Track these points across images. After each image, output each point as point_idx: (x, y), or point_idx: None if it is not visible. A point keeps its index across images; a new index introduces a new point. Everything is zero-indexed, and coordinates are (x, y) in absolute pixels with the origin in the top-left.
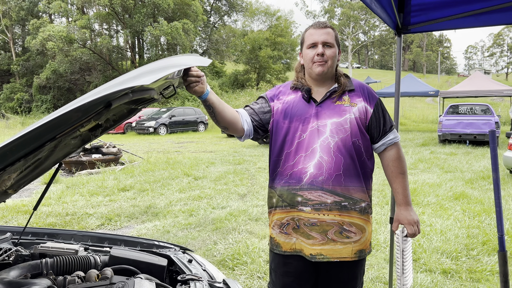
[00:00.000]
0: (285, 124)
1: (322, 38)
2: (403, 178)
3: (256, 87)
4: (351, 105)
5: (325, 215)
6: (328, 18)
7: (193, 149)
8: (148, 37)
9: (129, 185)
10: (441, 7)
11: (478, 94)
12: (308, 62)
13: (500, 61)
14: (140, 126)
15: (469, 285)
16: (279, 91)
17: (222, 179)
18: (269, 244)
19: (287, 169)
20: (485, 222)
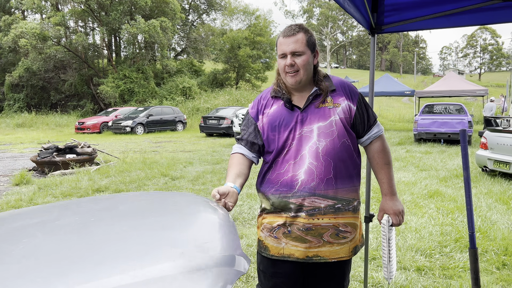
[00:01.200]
0: (274, 136)
1: (290, 48)
2: (389, 169)
3: (236, 86)
4: (334, 106)
5: (319, 219)
6: (307, 18)
7: (171, 149)
8: (125, 35)
9: (104, 186)
10: (413, 7)
11: (452, 94)
12: (282, 72)
13: (473, 62)
14: (117, 125)
15: (442, 282)
16: (261, 105)
17: (200, 179)
18: (257, 246)
19: (277, 177)
20: (458, 219)
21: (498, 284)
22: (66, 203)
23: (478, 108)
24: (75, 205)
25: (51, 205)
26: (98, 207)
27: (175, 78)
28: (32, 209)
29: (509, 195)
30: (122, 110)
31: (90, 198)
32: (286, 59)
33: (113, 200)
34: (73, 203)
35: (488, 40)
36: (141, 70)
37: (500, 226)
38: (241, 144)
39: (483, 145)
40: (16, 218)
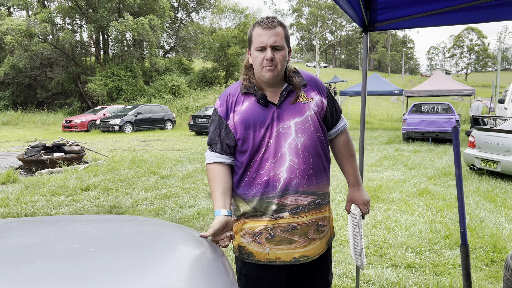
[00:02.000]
0: (249, 135)
1: (270, 41)
2: (354, 160)
3: (225, 84)
4: (308, 100)
5: (303, 217)
6: (296, 17)
7: (160, 147)
8: (113, 32)
9: (92, 185)
10: (406, 5)
11: (440, 93)
12: (258, 66)
13: (460, 62)
14: (105, 124)
15: (433, 279)
16: (231, 102)
17: (190, 178)
18: (237, 252)
19: (256, 178)
20: (447, 217)
21: (487, 280)
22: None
23: (465, 107)
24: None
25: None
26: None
27: (164, 77)
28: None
29: (496, 193)
30: (110, 108)
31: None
32: (266, 52)
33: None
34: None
35: (475, 40)
36: (130, 68)
37: (488, 223)
38: (216, 150)
39: (471, 144)
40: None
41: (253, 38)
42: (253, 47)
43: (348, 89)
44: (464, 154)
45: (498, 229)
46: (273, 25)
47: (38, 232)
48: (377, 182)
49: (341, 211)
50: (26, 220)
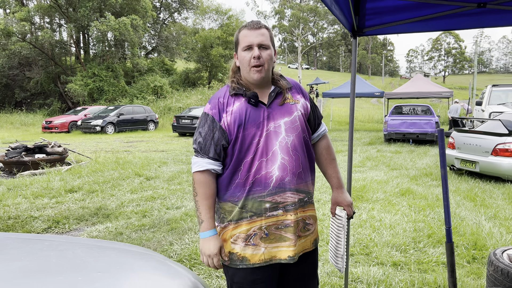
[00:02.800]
0: (239, 134)
1: (257, 40)
2: (335, 163)
3: (208, 85)
4: (295, 102)
5: (296, 214)
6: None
7: (144, 149)
8: (94, 32)
9: (77, 186)
10: (393, 11)
11: (420, 95)
12: (246, 66)
13: (438, 65)
14: (86, 124)
15: (418, 276)
16: (222, 104)
17: (176, 179)
18: (228, 260)
19: (249, 178)
20: (430, 216)
21: (470, 277)
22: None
23: (443, 109)
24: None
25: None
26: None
27: (146, 77)
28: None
29: (475, 192)
30: (91, 109)
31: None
32: (253, 51)
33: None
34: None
35: (452, 44)
36: (111, 68)
37: (469, 222)
38: (208, 156)
39: (450, 145)
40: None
41: (240, 40)
42: (240, 48)
43: (330, 91)
44: None
45: (478, 227)
46: (259, 26)
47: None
48: (361, 182)
49: (327, 211)
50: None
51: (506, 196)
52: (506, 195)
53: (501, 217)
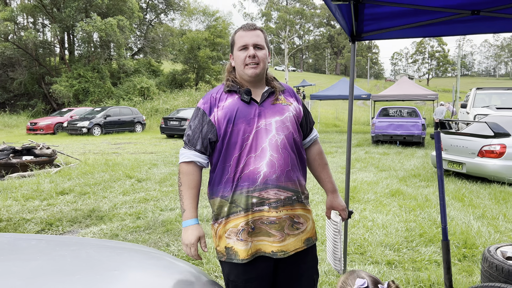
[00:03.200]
0: (229, 128)
1: (252, 40)
2: (328, 168)
3: (195, 87)
4: (287, 104)
5: (281, 212)
6: (265, 21)
7: (132, 150)
8: (80, 33)
9: (68, 188)
10: (391, 17)
11: (405, 98)
12: (240, 65)
13: (422, 68)
14: (72, 126)
15: (412, 274)
16: (214, 99)
17: (167, 181)
18: (224, 255)
19: (237, 173)
20: (420, 216)
21: (461, 274)
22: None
23: (428, 111)
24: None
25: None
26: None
27: (133, 78)
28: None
29: (463, 193)
30: (77, 110)
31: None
32: (248, 50)
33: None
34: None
35: (435, 47)
36: (97, 69)
37: (458, 221)
38: (195, 148)
39: None
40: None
41: (235, 40)
42: (236, 48)
43: (318, 93)
44: (431, 156)
45: (467, 226)
46: (254, 27)
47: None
48: (351, 183)
49: (320, 212)
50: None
51: (492, 196)
52: (492, 195)
53: (489, 216)
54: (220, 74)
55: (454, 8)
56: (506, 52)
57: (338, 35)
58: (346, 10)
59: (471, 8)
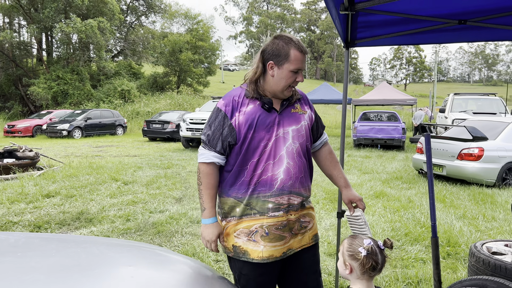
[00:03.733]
0: (249, 134)
1: (304, 65)
2: (339, 165)
3: (177, 90)
4: (303, 112)
5: (292, 215)
6: (246, 25)
7: (115, 153)
8: (59, 34)
9: (53, 191)
10: (383, 25)
11: (385, 102)
12: (285, 85)
13: (400, 73)
14: (52, 129)
15: (400, 271)
16: (237, 103)
17: (154, 184)
18: (231, 251)
19: (254, 178)
20: (405, 216)
21: (446, 271)
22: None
23: (407, 116)
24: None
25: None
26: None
27: (113, 81)
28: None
29: (444, 194)
30: (57, 112)
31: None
32: (298, 75)
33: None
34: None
35: (413, 53)
36: (76, 71)
37: (441, 221)
38: (215, 149)
39: (419, 150)
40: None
41: (291, 59)
42: (288, 67)
43: None
44: (413, 159)
45: (449, 226)
46: (306, 50)
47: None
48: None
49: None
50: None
51: (471, 197)
52: (471, 196)
53: (469, 216)
54: (201, 77)
55: (442, 17)
56: (480, 59)
57: (318, 40)
58: (343, 18)
59: (458, 18)
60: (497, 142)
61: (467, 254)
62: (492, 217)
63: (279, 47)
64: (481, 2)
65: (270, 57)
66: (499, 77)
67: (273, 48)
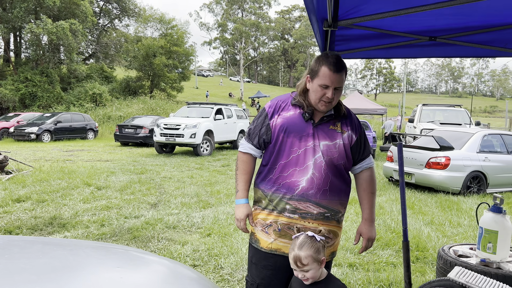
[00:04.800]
0: (282, 137)
1: (335, 84)
2: (373, 198)
3: (150, 94)
4: (342, 132)
5: (309, 223)
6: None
7: (86, 158)
8: (28, 35)
9: (24, 196)
10: (359, 39)
11: (357, 111)
12: (316, 97)
13: (370, 83)
14: (20, 132)
15: (372, 275)
16: (279, 107)
17: (128, 189)
18: (250, 237)
19: (279, 179)
20: (376, 222)
21: (415, 274)
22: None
23: (377, 125)
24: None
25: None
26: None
27: (84, 84)
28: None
29: (413, 201)
30: (25, 115)
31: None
32: (328, 90)
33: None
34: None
35: (383, 64)
36: (46, 73)
37: (410, 227)
38: (252, 143)
39: (389, 158)
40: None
41: (320, 74)
42: (317, 82)
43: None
44: (383, 167)
45: (418, 231)
46: (340, 69)
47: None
48: None
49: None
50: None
51: (438, 204)
52: (438, 203)
53: (436, 222)
54: (175, 82)
55: (414, 34)
56: (446, 71)
57: (292, 48)
58: (323, 32)
59: (429, 35)
60: (463, 151)
61: (435, 258)
62: (458, 223)
63: (316, 63)
64: (450, 21)
65: (309, 71)
66: (464, 89)
67: (313, 63)
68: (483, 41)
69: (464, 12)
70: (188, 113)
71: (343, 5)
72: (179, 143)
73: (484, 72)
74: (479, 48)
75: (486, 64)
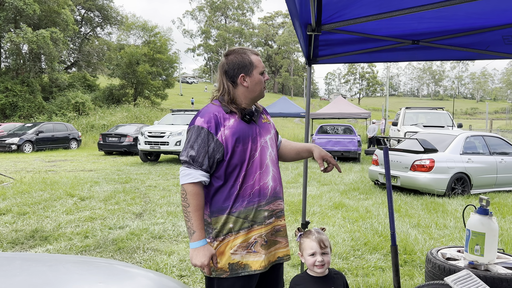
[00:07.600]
0: (238, 148)
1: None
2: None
3: (134, 102)
4: (269, 122)
5: (282, 221)
6: (204, 38)
7: (69, 168)
8: (8, 44)
9: (4, 209)
10: (342, 44)
11: (341, 116)
12: (259, 87)
13: (354, 87)
14: (0, 143)
15: (361, 280)
16: (219, 118)
17: (112, 199)
18: (227, 271)
19: (247, 189)
20: (363, 226)
21: (403, 278)
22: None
23: (360, 129)
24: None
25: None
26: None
27: (66, 93)
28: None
29: (399, 204)
30: (5, 126)
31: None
32: (264, 74)
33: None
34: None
35: (366, 68)
36: (26, 82)
37: (397, 230)
38: (202, 168)
39: (374, 162)
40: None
41: (255, 64)
42: (256, 71)
43: None
44: (369, 170)
45: (405, 234)
46: (258, 52)
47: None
48: (297, 197)
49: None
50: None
51: (424, 206)
52: (424, 206)
53: (423, 225)
54: (159, 89)
55: (397, 37)
56: (428, 74)
57: (276, 54)
58: (307, 36)
59: (412, 39)
60: (446, 153)
61: (423, 261)
62: (444, 225)
63: (240, 59)
64: (432, 25)
65: (237, 72)
66: (445, 92)
67: (235, 63)
68: (465, 44)
69: (446, 15)
70: (173, 120)
71: (326, 10)
72: (164, 151)
73: (464, 75)
74: (461, 51)
75: (466, 67)
